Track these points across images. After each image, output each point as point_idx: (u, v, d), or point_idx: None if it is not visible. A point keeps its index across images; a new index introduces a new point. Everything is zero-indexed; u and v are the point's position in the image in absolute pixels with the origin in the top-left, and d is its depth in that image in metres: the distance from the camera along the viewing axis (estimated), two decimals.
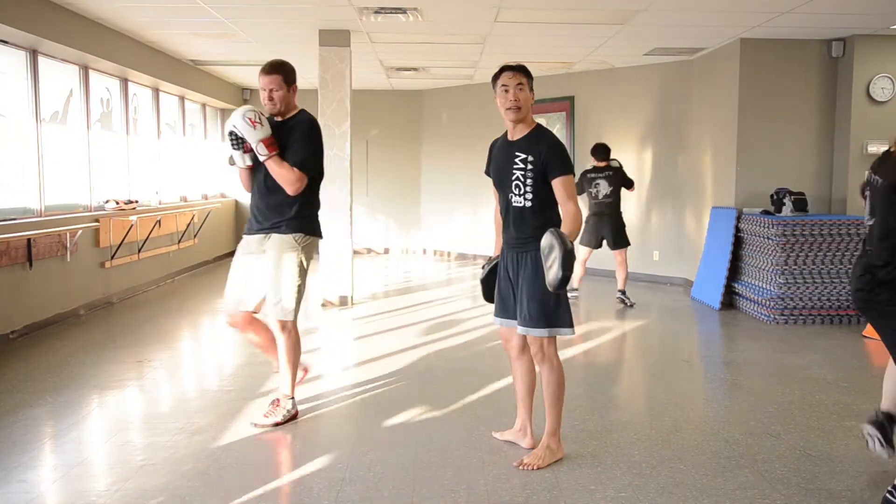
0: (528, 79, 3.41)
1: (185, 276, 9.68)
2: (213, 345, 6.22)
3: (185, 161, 10.21)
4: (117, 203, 7.76)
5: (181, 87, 9.40)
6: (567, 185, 3.33)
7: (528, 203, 3.38)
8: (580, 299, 7.99)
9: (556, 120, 10.17)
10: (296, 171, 3.81)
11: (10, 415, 4.12)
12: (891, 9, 6.28)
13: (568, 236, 3.09)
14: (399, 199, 12.58)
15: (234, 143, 3.83)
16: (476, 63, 9.33)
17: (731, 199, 7.72)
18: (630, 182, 7.85)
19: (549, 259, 3.06)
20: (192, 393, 4.82)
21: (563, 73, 9.90)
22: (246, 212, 5.41)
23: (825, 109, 7.63)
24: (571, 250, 3.03)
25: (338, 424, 4.10)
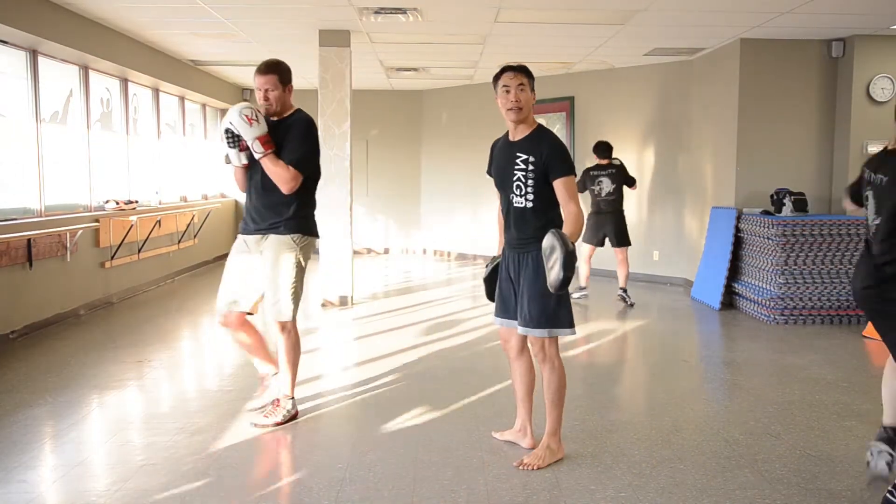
0: (530, 79, 3.40)
1: (185, 276, 9.68)
2: (213, 345, 6.22)
3: (185, 161, 10.21)
4: (117, 203, 7.76)
5: (181, 87, 9.40)
6: (569, 185, 3.32)
7: (529, 204, 3.37)
8: (588, 297, 7.99)
9: (556, 120, 10.17)
10: (291, 169, 3.79)
11: (10, 415, 4.12)
12: (891, 9, 6.28)
13: (569, 237, 3.09)
14: (399, 199, 12.59)
15: (230, 140, 3.80)
16: (476, 63, 9.32)
17: (731, 199, 7.72)
18: (632, 180, 7.86)
19: (550, 260, 3.06)
20: (192, 393, 4.82)
21: (563, 73, 9.90)
22: None
23: (825, 109, 7.63)
24: (573, 252, 3.03)
25: (338, 424, 4.10)
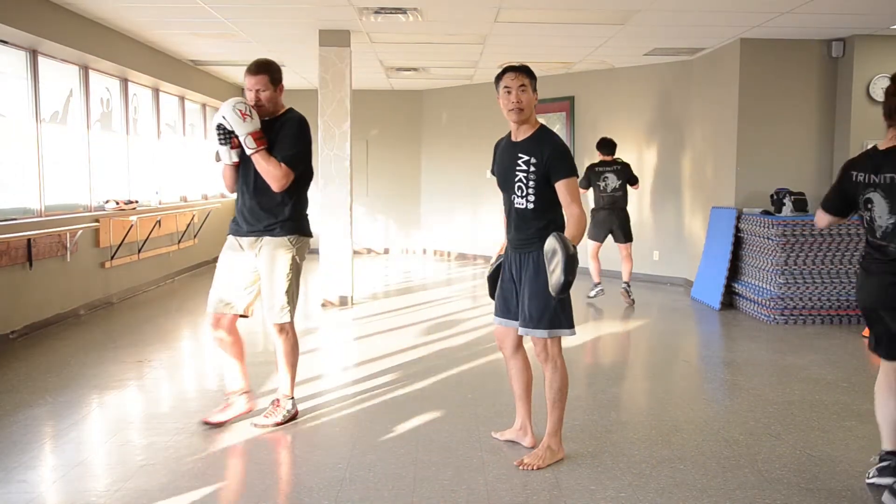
0: (531, 79, 3.38)
1: (185, 276, 9.68)
2: (213, 345, 6.20)
3: (185, 161, 10.21)
4: (117, 203, 7.76)
5: (181, 87, 9.40)
6: (571, 187, 3.31)
7: (530, 205, 3.36)
8: (605, 292, 7.99)
9: (556, 120, 10.17)
10: (283, 166, 3.74)
11: (10, 415, 4.11)
12: (891, 9, 6.28)
13: (571, 240, 3.09)
14: (399, 199, 12.59)
15: (222, 137, 3.75)
16: (476, 63, 9.32)
17: (731, 199, 7.72)
18: (635, 179, 7.88)
19: (551, 264, 3.05)
20: (192, 393, 4.82)
21: (563, 73, 9.90)
22: None
23: (825, 109, 7.63)
24: (574, 255, 3.02)
25: (338, 424, 4.10)
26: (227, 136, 3.75)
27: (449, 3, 6.31)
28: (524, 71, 3.38)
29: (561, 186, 3.31)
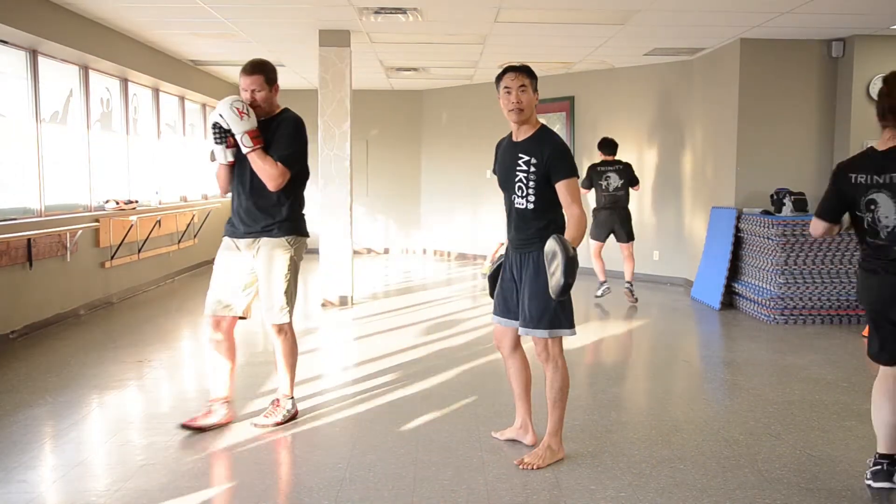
0: (532, 79, 3.37)
1: (185, 276, 9.68)
2: (209, 346, 6.20)
3: (185, 161, 10.21)
4: (117, 203, 7.76)
5: (181, 87, 9.40)
6: (571, 188, 3.30)
7: (530, 205, 3.36)
8: (611, 290, 8.00)
9: (556, 120, 10.17)
10: (279, 165, 3.73)
11: (10, 415, 4.12)
12: (891, 9, 6.28)
13: (572, 242, 3.08)
14: (399, 199, 12.59)
15: (218, 136, 3.73)
16: (476, 63, 9.32)
17: (731, 199, 7.72)
18: (636, 180, 7.90)
19: (551, 266, 3.05)
20: (192, 393, 4.82)
21: (563, 73, 9.90)
22: None
23: (825, 109, 7.63)
24: (574, 257, 3.02)
25: (338, 424, 4.10)
26: (223, 134, 3.73)
27: (449, 3, 6.31)
28: (524, 71, 3.37)
29: (561, 187, 3.30)
